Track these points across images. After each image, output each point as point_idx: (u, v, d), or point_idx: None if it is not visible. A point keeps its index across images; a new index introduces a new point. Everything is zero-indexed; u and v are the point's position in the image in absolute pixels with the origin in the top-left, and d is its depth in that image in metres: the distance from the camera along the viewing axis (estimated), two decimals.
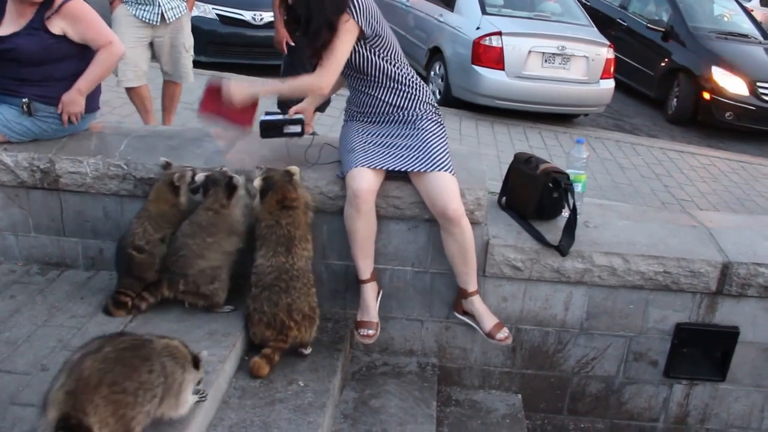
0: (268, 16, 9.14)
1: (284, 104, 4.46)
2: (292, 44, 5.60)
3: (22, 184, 3.40)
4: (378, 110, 3.32)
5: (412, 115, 3.30)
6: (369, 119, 3.36)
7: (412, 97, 3.31)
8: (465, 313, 3.37)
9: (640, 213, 3.92)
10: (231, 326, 3.07)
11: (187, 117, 6.30)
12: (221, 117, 3.23)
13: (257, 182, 3.12)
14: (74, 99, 3.38)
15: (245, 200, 3.17)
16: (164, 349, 2.33)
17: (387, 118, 3.32)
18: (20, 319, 3.04)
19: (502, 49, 8.47)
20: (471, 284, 3.28)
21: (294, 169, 3.13)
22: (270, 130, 3.35)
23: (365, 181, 3.06)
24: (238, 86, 3.17)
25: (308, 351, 3.15)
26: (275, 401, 2.84)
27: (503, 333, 3.29)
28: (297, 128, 3.35)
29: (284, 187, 3.09)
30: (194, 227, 3.09)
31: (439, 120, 3.40)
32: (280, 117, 3.37)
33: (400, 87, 3.29)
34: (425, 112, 3.33)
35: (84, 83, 3.39)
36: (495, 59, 8.51)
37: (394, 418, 3.09)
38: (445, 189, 3.09)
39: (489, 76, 8.48)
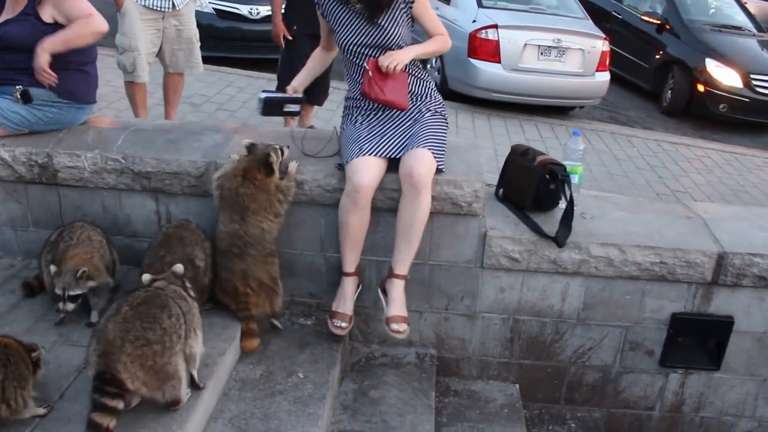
0: (264, 10, 9.10)
1: (284, 82, 4.51)
2: (290, 38, 5.60)
3: (21, 178, 3.39)
4: None
5: (420, 109, 3.34)
6: (374, 110, 3.36)
7: (426, 85, 3.40)
8: (384, 291, 3.27)
9: (636, 204, 3.92)
10: (230, 319, 3.07)
11: (186, 111, 6.29)
12: (380, 99, 3.23)
13: (245, 141, 3.15)
14: (38, 54, 3.24)
15: None
16: (175, 293, 2.50)
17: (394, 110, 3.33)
18: (20, 314, 3.04)
19: (498, 41, 8.45)
20: (402, 266, 3.17)
21: (273, 158, 3.08)
22: (272, 107, 3.42)
23: (367, 174, 3.05)
24: (400, 53, 3.21)
25: (280, 325, 3.16)
26: (275, 393, 2.85)
27: (400, 326, 3.14)
28: (296, 107, 3.45)
29: (254, 162, 3.08)
30: None
31: (444, 113, 3.43)
32: (280, 95, 3.44)
33: (419, 73, 3.37)
34: (432, 103, 3.40)
35: (50, 42, 3.26)
36: (491, 52, 8.49)
37: (394, 408, 3.10)
38: (420, 158, 3.07)
39: (485, 68, 8.47)
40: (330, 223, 3.32)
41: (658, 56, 10.80)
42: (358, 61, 3.32)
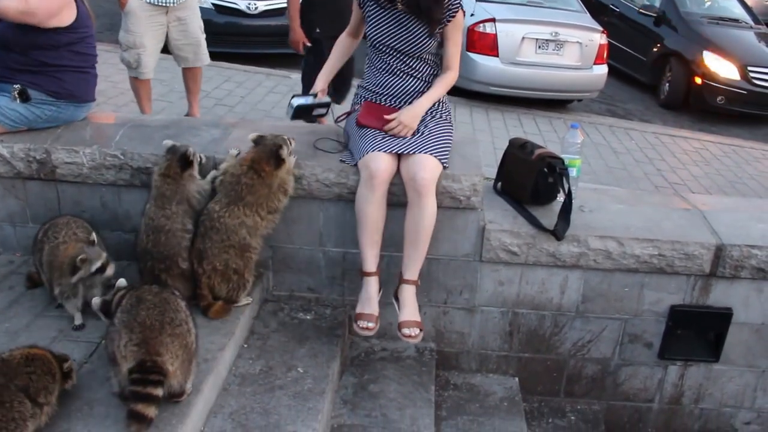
0: (262, 5, 9.11)
1: (308, 87, 4.52)
2: (309, 45, 5.52)
3: (19, 174, 3.37)
4: (404, 91, 3.35)
5: (428, 112, 3.35)
6: (387, 104, 3.37)
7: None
8: (396, 298, 3.25)
9: (634, 197, 3.91)
10: (229, 314, 3.06)
11: (183, 106, 6.27)
12: (380, 128, 3.24)
13: (252, 135, 3.15)
14: None
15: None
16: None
17: (408, 101, 3.35)
18: (19, 310, 3.03)
19: (495, 35, 8.45)
20: (411, 271, 3.16)
21: (284, 150, 3.08)
22: (302, 113, 3.44)
23: (383, 163, 3.05)
24: (412, 118, 3.22)
25: (240, 303, 3.13)
26: (275, 388, 2.84)
27: (412, 331, 3.12)
28: (324, 110, 3.51)
29: (264, 153, 3.08)
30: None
31: (449, 114, 3.46)
32: (311, 101, 3.46)
33: (428, 76, 3.37)
34: (441, 103, 3.42)
35: None
36: (489, 46, 8.49)
37: (393, 402, 3.09)
38: (424, 163, 3.06)
39: (483, 62, 8.46)
40: (329, 217, 3.32)
41: (655, 49, 10.79)
42: (383, 56, 3.34)
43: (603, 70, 8.99)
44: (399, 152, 3.11)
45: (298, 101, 3.43)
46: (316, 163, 3.26)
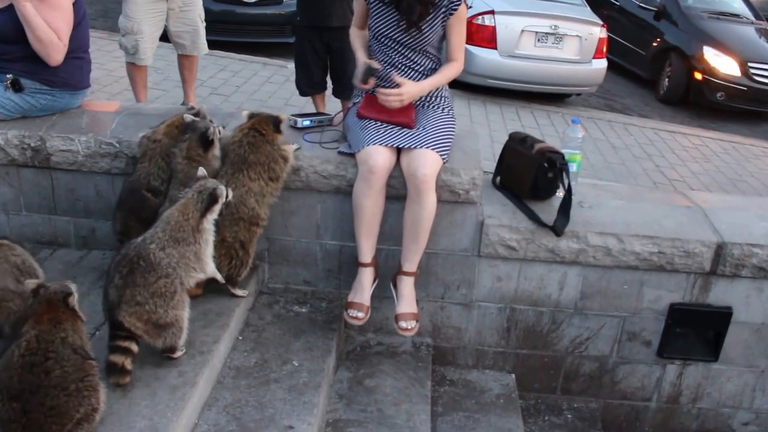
0: None
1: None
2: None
3: (13, 162, 3.36)
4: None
5: (433, 100, 3.38)
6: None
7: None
8: (395, 286, 3.28)
9: (634, 193, 3.91)
10: (224, 306, 3.05)
11: (179, 95, 6.25)
12: (382, 119, 3.23)
13: (245, 113, 3.20)
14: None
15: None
16: (159, 245, 2.58)
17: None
18: None
19: (494, 28, 8.43)
20: (410, 263, 3.20)
21: (282, 116, 3.19)
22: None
23: (381, 157, 3.04)
24: (410, 92, 3.20)
25: (240, 293, 3.14)
26: (270, 381, 2.83)
27: (408, 324, 3.18)
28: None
29: (264, 118, 3.14)
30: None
31: (452, 110, 3.46)
32: (315, 118, 3.58)
33: (436, 67, 3.38)
34: (444, 98, 3.44)
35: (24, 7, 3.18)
36: (488, 38, 8.47)
37: (389, 397, 3.09)
38: (425, 158, 3.06)
39: (481, 55, 8.44)
40: (326, 209, 3.31)
41: (655, 44, 10.79)
42: (386, 49, 3.33)
43: (602, 64, 8.99)
44: (400, 146, 3.11)
45: (301, 121, 3.52)
46: (314, 154, 3.25)
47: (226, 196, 2.75)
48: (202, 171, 2.77)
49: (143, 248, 2.54)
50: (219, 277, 2.90)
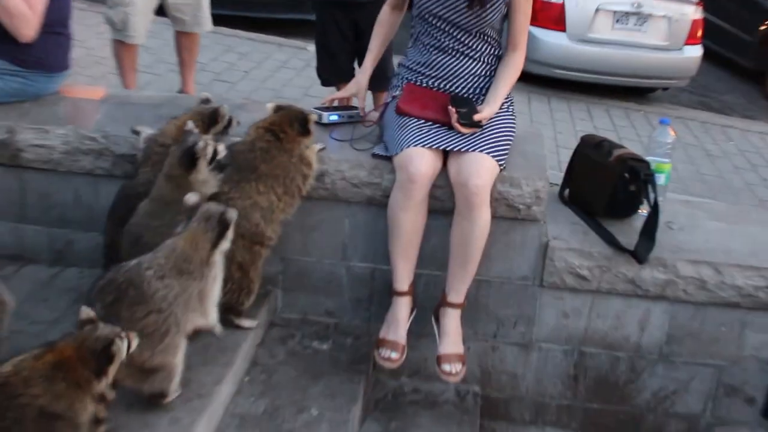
0: None
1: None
2: None
3: None
4: (456, 73, 3.38)
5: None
6: (433, 87, 3.40)
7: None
8: (437, 321, 3.28)
9: (736, 213, 3.91)
10: (228, 339, 3.06)
11: (174, 81, 6.32)
12: (427, 116, 3.27)
13: (269, 105, 3.18)
14: None
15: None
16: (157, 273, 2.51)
17: (462, 85, 3.38)
18: None
19: (563, 5, 8.45)
20: (457, 293, 3.20)
21: (313, 116, 3.16)
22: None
23: (424, 163, 3.05)
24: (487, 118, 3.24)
25: (247, 324, 3.18)
26: None
27: (453, 368, 3.16)
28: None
29: (286, 117, 3.11)
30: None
31: (512, 105, 3.48)
32: (344, 112, 3.64)
33: (489, 58, 3.41)
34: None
35: None
36: (554, 18, 8.49)
37: None
38: (478, 165, 3.07)
39: (546, 38, 8.46)
40: (356, 224, 3.35)
41: (763, 27, 10.72)
42: (434, 31, 3.36)
43: (696, 52, 8.97)
44: (447, 149, 3.13)
45: (328, 115, 3.56)
46: (343, 157, 3.28)
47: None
48: (193, 198, 2.69)
49: (137, 274, 2.50)
50: (218, 330, 2.80)
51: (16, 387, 2.10)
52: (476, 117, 3.16)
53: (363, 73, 3.63)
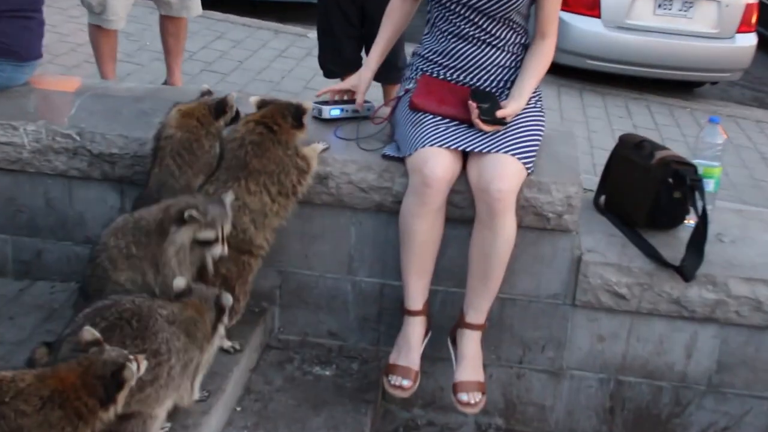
0: None
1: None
2: None
3: None
4: (478, 64, 3.38)
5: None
6: (451, 79, 3.40)
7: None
8: (454, 343, 3.28)
9: None
10: (218, 363, 3.06)
11: (160, 71, 6.34)
12: (444, 112, 3.28)
13: (253, 99, 3.21)
14: None
15: None
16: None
17: (485, 78, 3.38)
18: None
19: None
20: (477, 312, 3.18)
21: (307, 104, 3.18)
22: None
23: (440, 165, 3.05)
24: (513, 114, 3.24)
25: (232, 347, 3.16)
26: None
27: (472, 397, 3.12)
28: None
29: (279, 109, 3.13)
30: None
31: (540, 100, 3.48)
32: (349, 106, 3.60)
33: (514, 47, 3.42)
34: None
35: None
36: (588, 2, 8.50)
37: None
38: (502, 167, 3.06)
39: (579, 25, 8.48)
40: (363, 234, 3.35)
41: None
42: (453, 17, 3.36)
43: (750, 40, 8.97)
44: (468, 150, 3.13)
45: (330, 109, 3.55)
46: (349, 157, 3.28)
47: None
48: (181, 282, 2.69)
49: (147, 308, 2.49)
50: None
51: (5, 393, 2.09)
52: (499, 113, 3.15)
53: (367, 67, 3.62)
